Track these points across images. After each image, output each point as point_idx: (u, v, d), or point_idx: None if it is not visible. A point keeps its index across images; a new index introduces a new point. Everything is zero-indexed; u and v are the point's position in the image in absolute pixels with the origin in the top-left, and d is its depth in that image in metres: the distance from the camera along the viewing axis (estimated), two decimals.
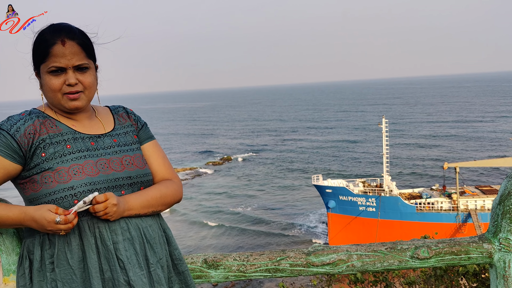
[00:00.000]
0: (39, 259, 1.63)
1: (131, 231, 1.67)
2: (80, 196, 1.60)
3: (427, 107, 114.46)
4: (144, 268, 1.67)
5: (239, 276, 2.12)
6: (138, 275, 1.64)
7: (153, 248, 1.71)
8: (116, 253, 1.63)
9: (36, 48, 1.67)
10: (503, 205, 2.12)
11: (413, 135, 68.87)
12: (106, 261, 1.62)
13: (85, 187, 1.61)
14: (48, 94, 1.69)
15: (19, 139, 1.61)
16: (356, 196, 31.07)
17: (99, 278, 1.60)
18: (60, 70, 1.65)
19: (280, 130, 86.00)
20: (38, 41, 1.66)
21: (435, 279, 4.16)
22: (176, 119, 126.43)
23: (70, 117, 1.75)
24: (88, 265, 1.60)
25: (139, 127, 1.91)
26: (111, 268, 1.61)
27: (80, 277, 1.60)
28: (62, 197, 1.60)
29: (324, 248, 2.16)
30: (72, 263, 1.60)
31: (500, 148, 55.03)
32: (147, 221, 1.74)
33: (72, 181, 1.61)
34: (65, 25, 1.69)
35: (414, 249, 2.14)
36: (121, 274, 1.62)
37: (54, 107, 1.73)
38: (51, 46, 1.64)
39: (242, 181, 47.78)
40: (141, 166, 1.79)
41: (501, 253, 2.14)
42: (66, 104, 1.69)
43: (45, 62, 1.65)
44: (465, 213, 29.16)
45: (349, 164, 52.15)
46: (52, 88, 1.66)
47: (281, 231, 32.70)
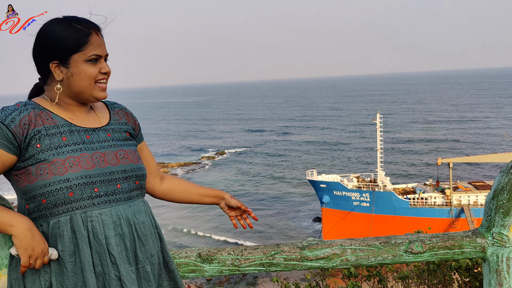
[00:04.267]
0: None
1: (123, 227, 1.66)
2: (75, 189, 1.60)
3: (420, 103, 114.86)
4: (133, 264, 1.66)
5: (233, 270, 2.12)
6: (127, 270, 1.64)
7: (144, 245, 1.71)
8: (108, 247, 1.62)
9: (71, 36, 1.65)
10: (497, 200, 2.13)
11: (407, 130, 69.13)
12: (98, 256, 1.61)
13: (80, 180, 1.61)
14: (82, 83, 1.68)
15: (14, 130, 1.59)
16: (350, 191, 31.18)
17: (92, 272, 1.59)
18: (99, 58, 1.70)
19: (274, 125, 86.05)
20: (72, 30, 1.65)
21: (428, 273, 4.19)
22: (170, 114, 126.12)
23: (68, 110, 1.73)
24: (82, 258, 1.59)
25: (138, 126, 1.94)
26: (102, 263, 1.61)
27: (71, 270, 1.59)
28: (57, 189, 1.59)
29: (318, 242, 2.16)
30: (63, 256, 1.59)
31: (494, 144, 55.37)
32: (141, 218, 1.74)
33: (68, 173, 1.60)
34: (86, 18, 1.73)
35: (408, 244, 2.15)
36: (112, 269, 1.61)
37: (77, 96, 1.71)
38: (89, 35, 1.67)
39: (236, 176, 47.82)
40: (135, 161, 1.78)
41: (494, 248, 2.15)
42: (97, 94, 1.72)
43: (83, 51, 1.66)
44: (458, 208, 29.37)
45: (343, 159, 52.30)
46: (91, 76, 1.68)
47: (275, 226, 32.79)
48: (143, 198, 1.82)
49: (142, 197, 1.81)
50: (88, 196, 1.62)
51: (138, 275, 1.68)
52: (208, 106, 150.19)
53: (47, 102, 1.72)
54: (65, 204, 1.60)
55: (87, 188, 1.62)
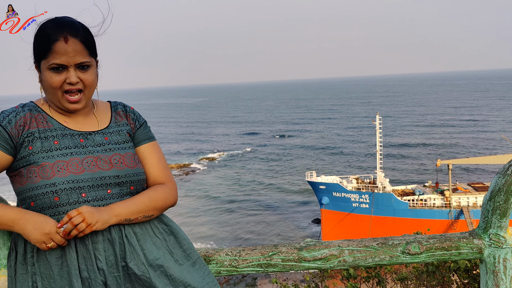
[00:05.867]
0: (22, 252, 1.63)
1: (111, 232, 1.63)
2: (61, 194, 1.58)
3: (420, 105, 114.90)
4: (120, 270, 1.63)
5: (231, 271, 2.12)
6: (114, 276, 1.61)
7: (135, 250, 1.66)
8: (95, 253, 1.60)
9: (37, 42, 1.63)
10: (494, 201, 2.13)
11: (407, 132, 69.15)
12: (84, 261, 1.59)
13: (67, 185, 1.59)
14: (48, 91, 1.66)
15: (10, 131, 1.60)
16: (350, 192, 31.18)
17: (78, 277, 1.58)
18: (62, 67, 1.62)
19: (274, 127, 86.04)
20: (40, 36, 1.63)
21: (427, 275, 4.19)
22: (169, 115, 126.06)
23: (64, 113, 1.72)
24: (68, 262, 1.58)
25: (136, 126, 1.86)
26: (88, 268, 1.59)
27: (57, 273, 1.58)
28: (43, 193, 1.58)
29: (316, 243, 2.17)
30: (50, 259, 1.59)
31: (493, 146, 55.39)
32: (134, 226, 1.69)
33: (55, 177, 1.59)
34: (68, 20, 1.65)
35: (405, 245, 2.15)
36: (98, 275, 1.59)
37: (53, 103, 1.71)
38: (54, 43, 1.60)
39: (235, 177, 47.79)
40: (131, 165, 1.74)
41: (491, 249, 2.16)
42: (66, 104, 1.68)
43: (46, 58, 1.62)
44: (457, 209, 29.37)
45: (343, 160, 52.30)
46: (52, 86, 1.63)
47: (274, 227, 32.77)
48: None
49: None
50: (74, 201, 1.60)
51: (126, 279, 1.64)
52: (207, 107, 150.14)
53: (47, 104, 1.73)
54: (51, 208, 1.59)
55: (74, 193, 1.60)
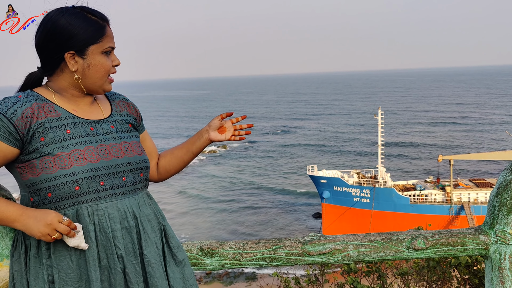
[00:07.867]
0: (35, 245, 1.60)
1: (129, 220, 1.65)
2: (81, 183, 1.58)
3: (422, 100, 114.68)
4: (138, 257, 1.66)
5: (234, 264, 2.11)
6: (133, 263, 1.63)
7: (150, 238, 1.70)
8: (114, 241, 1.61)
9: (87, 27, 1.62)
10: (501, 197, 2.11)
11: (408, 127, 69.07)
12: (104, 249, 1.60)
13: (86, 173, 1.59)
14: (97, 75, 1.67)
15: (16, 123, 1.55)
16: (351, 187, 31.23)
17: (96, 266, 1.58)
18: (109, 51, 1.69)
19: (275, 121, 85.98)
20: (87, 22, 1.62)
21: (427, 270, 4.19)
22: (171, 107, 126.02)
23: (71, 101, 1.70)
24: (86, 252, 1.58)
25: (140, 117, 1.92)
26: (108, 256, 1.60)
27: (76, 263, 1.58)
28: (63, 183, 1.56)
29: (321, 237, 2.15)
30: (70, 248, 1.58)
31: (495, 141, 55.31)
32: (145, 210, 1.73)
33: (74, 167, 1.57)
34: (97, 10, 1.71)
35: (411, 240, 2.14)
36: (118, 263, 1.61)
37: (87, 87, 1.69)
38: (105, 27, 1.66)
39: (237, 170, 47.86)
40: (139, 153, 1.77)
41: (497, 245, 2.15)
42: (107, 86, 1.72)
43: (100, 42, 1.64)
44: (458, 205, 29.41)
45: (344, 155, 52.30)
46: (106, 69, 1.68)
47: (274, 221, 32.84)
48: (146, 190, 1.81)
49: (145, 189, 1.80)
50: (94, 189, 1.60)
51: (143, 268, 1.67)
52: (209, 101, 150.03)
53: (50, 93, 1.68)
54: (71, 198, 1.58)
55: (93, 182, 1.60)
